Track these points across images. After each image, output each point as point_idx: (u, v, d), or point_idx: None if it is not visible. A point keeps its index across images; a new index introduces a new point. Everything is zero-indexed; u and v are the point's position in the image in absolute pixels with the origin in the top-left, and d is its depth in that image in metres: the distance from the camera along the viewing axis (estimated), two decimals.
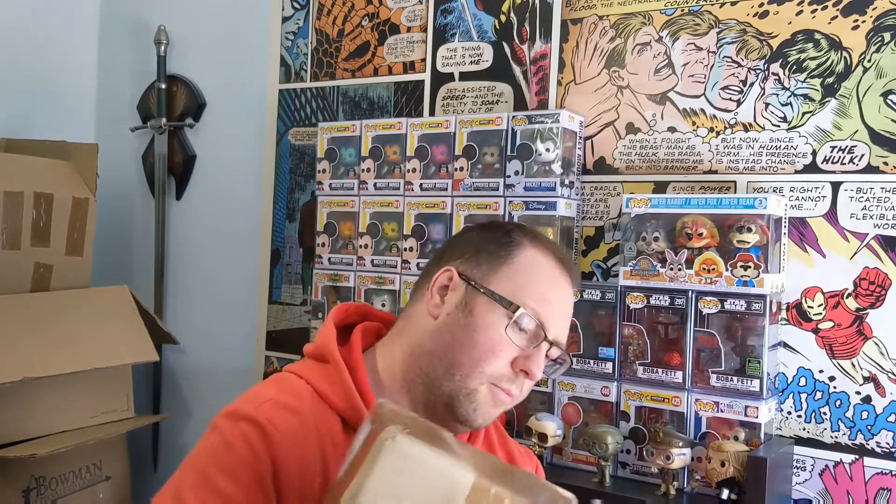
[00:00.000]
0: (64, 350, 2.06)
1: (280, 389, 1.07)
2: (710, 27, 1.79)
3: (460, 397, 1.05)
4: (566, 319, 1.11)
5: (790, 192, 1.70)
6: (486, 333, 1.05)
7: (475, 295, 1.07)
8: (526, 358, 1.05)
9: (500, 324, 1.04)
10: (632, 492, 1.60)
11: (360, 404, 1.05)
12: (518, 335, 1.05)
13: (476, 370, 1.04)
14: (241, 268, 2.50)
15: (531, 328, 1.05)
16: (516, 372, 1.05)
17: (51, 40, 2.70)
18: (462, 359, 1.05)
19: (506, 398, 1.07)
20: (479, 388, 1.05)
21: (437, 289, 1.10)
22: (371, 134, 2.05)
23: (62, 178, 2.27)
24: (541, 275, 1.09)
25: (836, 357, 1.64)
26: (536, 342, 1.05)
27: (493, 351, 1.04)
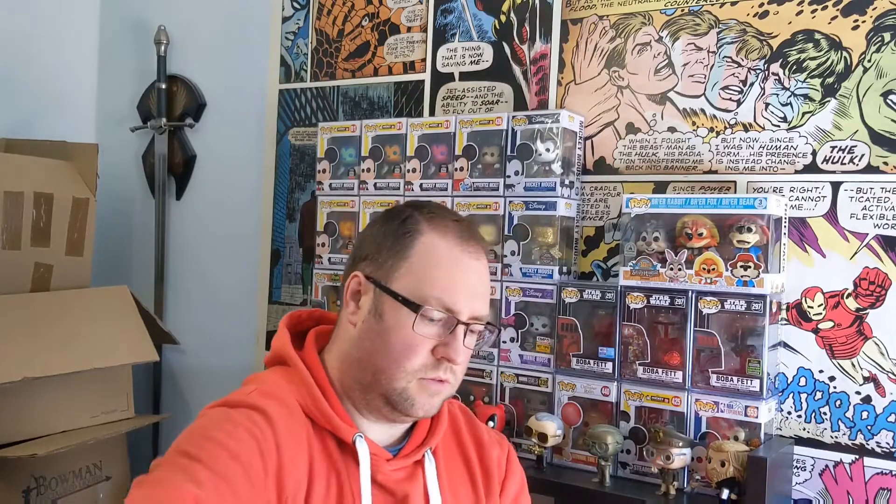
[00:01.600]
0: (64, 350, 2.06)
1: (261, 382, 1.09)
2: (710, 27, 1.79)
3: (394, 397, 1.08)
4: (480, 295, 1.11)
5: (790, 192, 1.70)
6: (398, 335, 1.07)
7: (382, 297, 1.09)
8: (444, 345, 1.07)
9: (408, 322, 1.06)
10: (632, 492, 1.60)
11: (322, 402, 1.07)
12: (428, 327, 1.07)
13: (398, 371, 1.07)
14: (241, 268, 2.50)
15: (440, 318, 1.07)
16: (438, 359, 1.07)
17: (51, 40, 2.70)
18: (383, 363, 1.07)
19: (438, 386, 1.09)
20: (408, 386, 1.07)
21: (351, 295, 1.12)
22: (371, 134, 2.05)
23: (62, 178, 2.27)
24: (441, 261, 1.09)
25: (836, 357, 1.64)
26: (450, 328, 1.07)
27: (408, 349, 1.06)
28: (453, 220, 1.13)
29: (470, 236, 1.12)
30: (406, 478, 1.13)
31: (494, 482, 1.23)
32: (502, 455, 1.26)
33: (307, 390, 1.08)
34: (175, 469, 0.92)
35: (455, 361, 1.07)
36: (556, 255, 1.80)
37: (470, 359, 1.14)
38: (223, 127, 2.57)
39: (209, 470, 0.92)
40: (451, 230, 1.11)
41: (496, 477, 1.23)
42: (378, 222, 1.16)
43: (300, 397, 1.08)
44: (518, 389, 1.82)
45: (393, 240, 1.11)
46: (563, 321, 1.76)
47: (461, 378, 1.13)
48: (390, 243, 1.10)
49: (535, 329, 1.81)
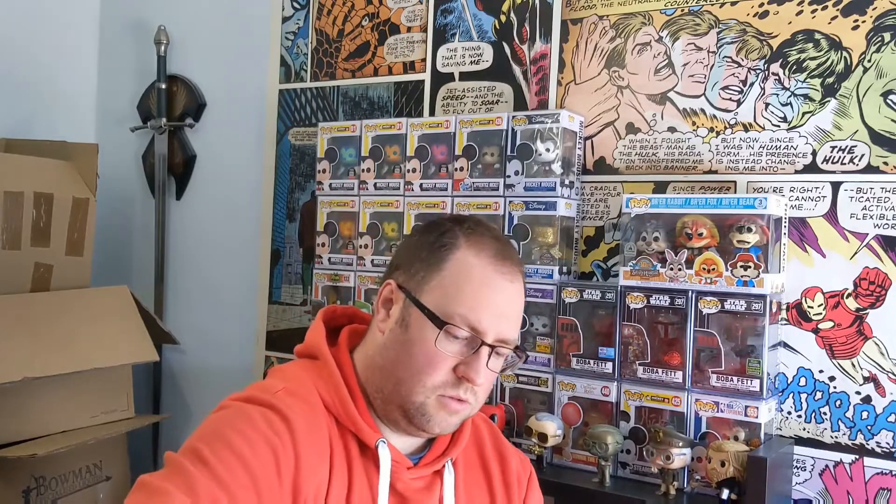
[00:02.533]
0: (64, 350, 2.06)
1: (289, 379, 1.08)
2: (710, 27, 1.79)
3: (411, 410, 1.06)
4: (508, 317, 1.09)
5: (790, 192, 1.70)
6: (421, 348, 1.05)
7: (411, 308, 1.08)
8: (465, 365, 1.05)
9: (431, 336, 1.05)
10: (632, 492, 1.60)
11: (350, 404, 1.06)
12: (452, 344, 1.05)
13: (417, 385, 1.05)
14: (241, 268, 2.50)
15: (464, 336, 1.05)
16: (459, 378, 1.05)
17: (51, 40, 2.70)
18: (404, 375, 1.06)
19: (457, 406, 1.07)
20: (426, 402, 1.06)
21: (383, 302, 1.12)
22: (371, 134, 2.05)
23: (62, 178, 2.27)
24: (472, 279, 1.07)
25: (836, 357, 1.64)
26: (474, 348, 1.05)
27: (429, 364, 1.05)
28: (492, 238, 1.11)
29: (506, 257, 1.10)
30: (424, 487, 1.12)
31: (515, 498, 1.22)
32: (524, 473, 1.25)
33: (335, 390, 1.07)
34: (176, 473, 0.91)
35: (475, 382, 1.05)
36: (556, 255, 1.80)
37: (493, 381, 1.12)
38: (223, 127, 2.57)
39: (212, 477, 0.91)
40: (487, 248, 1.09)
41: (517, 493, 1.22)
42: (417, 233, 1.16)
43: (326, 395, 1.07)
44: (518, 389, 1.82)
45: (428, 251, 1.09)
46: (563, 321, 1.76)
47: (483, 400, 1.11)
48: (425, 255, 1.09)
49: (535, 329, 1.81)
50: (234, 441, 0.95)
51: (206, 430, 0.98)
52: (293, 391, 1.04)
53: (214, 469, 0.92)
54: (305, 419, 1.01)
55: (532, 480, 1.27)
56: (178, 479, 0.90)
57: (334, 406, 1.07)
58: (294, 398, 1.03)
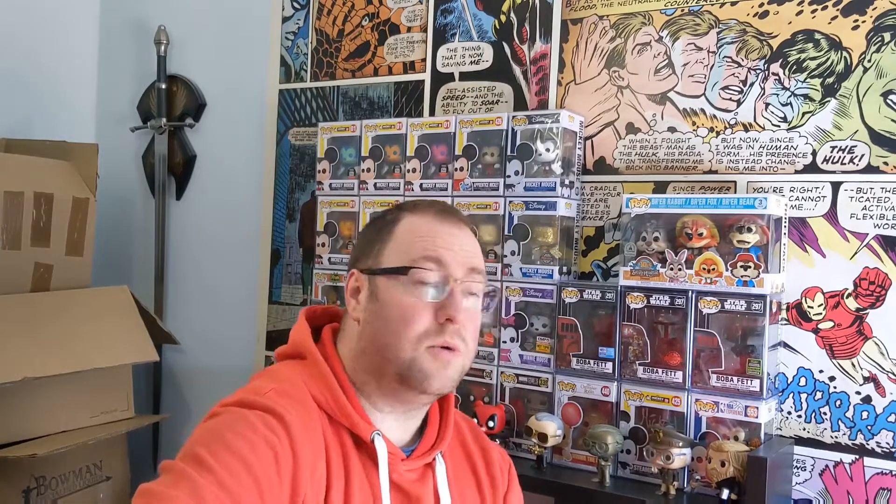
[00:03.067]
0: (64, 350, 2.06)
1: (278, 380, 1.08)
2: (710, 27, 1.79)
3: (405, 372, 1.07)
4: (469, 252, 1.13)
5: (790, 192, 1.70)
6: (394, 306, 1.08)
7: (375, 280, 1.11)
8: (442, 307, 1.07)
9: (402, 291, 1.08)
10: (632, 492, 1.60)
11: (342, 398, 1.07)
12: (422, 290, 1.08)
13: (402, 342, 1.07)
14: (241, 268, 2.50)
15: (432, 279, 1.08)
16: (441, 323, 1.07)
17: (51, 40, 2.70)
18: (387, 339, 1.08)
19: (447, 355, 1.07)
20: (416, 356, 1.06)
21: (351, 293, 1.14)
22: (371, 134, 2.05)
23: (62, 178, 2.26)
24: (422, 231, 1.12)
25: (837, 357, 1.64)
26: (444, 287, 1.08)
27: (407, 318, 1.07)
28: (432, 203, 1.17)
29: (450, 212, 1.16)
30: (418, 479, 1.13)
31: (499, 490, 1.24)
32: (505, 467, 1.27)
33: (326, 386, 1.08)
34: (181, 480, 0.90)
35: (455, 319, 1.07)
36: (556, 255, 1.80)
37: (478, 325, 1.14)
38: (223, 127, 2.57)
39: (217, 484, 0.90)
40: (430, 211, 1.14)
41: (501, 487, 1.24)
42: (366, 227, 1.21)
43: (318, 393, 1.07)
44: (518, 389, 1.82)
45: (377, 232, 1.15)
46: (563, 321, 1.76)
47: (473, 348, 1.12)
48: (375, 235, 1.15)
49: (535, 329, 1.81)
50: (235, 444, 0.94)
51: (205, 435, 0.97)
52: (284, 391, 1.05)
53: (219, 474, 0.91)
54: (300, 418, 1.02)
55: (512, 473, 1.29)
56: (184, 485, 0.89)
57: (326, 403, 1.07)
58: (286, 398, 1.03)
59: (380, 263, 1.12)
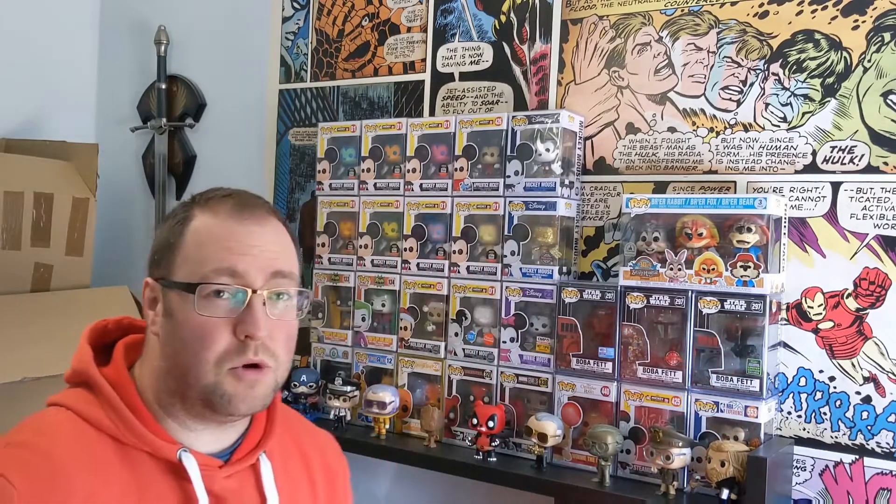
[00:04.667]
0: (64, 350, 2.04)
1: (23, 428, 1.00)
2: (710, 27, 1.79)
3: (209, 396, 0.99)
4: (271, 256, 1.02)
5: (790, 192, 1.70)
6: (188, 326, 0.98)
7: (168, 294, 1.01)
8: (241, 321, 0.98)
9: (194, 308, 0.97)
10: (632, 492, 1.60)
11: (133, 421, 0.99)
12: (215, 307, 0.97)
13: (201, 365, 0.97)
14: None
15: (226, 293, 0.98)
16: (241, 340, 0.98)
17: (51, 40, 2.70)
18: (186, 361, 0.98)
19: (252, 374, 0.99)
20: (219, 381, 0.98)
21: (148, 305, 1.05)
22: (371, 134, 2.05)
23: (62, 178, 2.26)
24: (212, 235, 1.01)
25: (836, 357, 1.64)
26: (242, 301, 0.98)
27: (202, 337, 0.97)
28: (227, 197, 1.05)
29: (245, 205, 1.04)
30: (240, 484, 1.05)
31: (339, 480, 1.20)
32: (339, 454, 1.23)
33: (115, 413, 0.99)
34: None
35: (255, 335, 0.97)
36: (556, 255, 1.80)
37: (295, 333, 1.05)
38: (223, 127, 2.57)
39: None
40: (223, 206, 1.03)
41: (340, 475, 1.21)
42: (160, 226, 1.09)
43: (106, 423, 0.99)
44: (518, 389, 1.82)
45: (168, 235, 1.04)
46: (563, 321, 1.76)
47: (286, 360, 1.03)
48: (166, 240, 1.04)
49: (535, 329, 1.81)
50: None
51: None
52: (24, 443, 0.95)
53: None
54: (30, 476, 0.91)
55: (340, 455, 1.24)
56: None
57: (118, 431, 0.99)
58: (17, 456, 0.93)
59: (171, 275, 1.01)
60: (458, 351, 1.89)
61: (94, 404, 1.01)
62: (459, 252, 1.89)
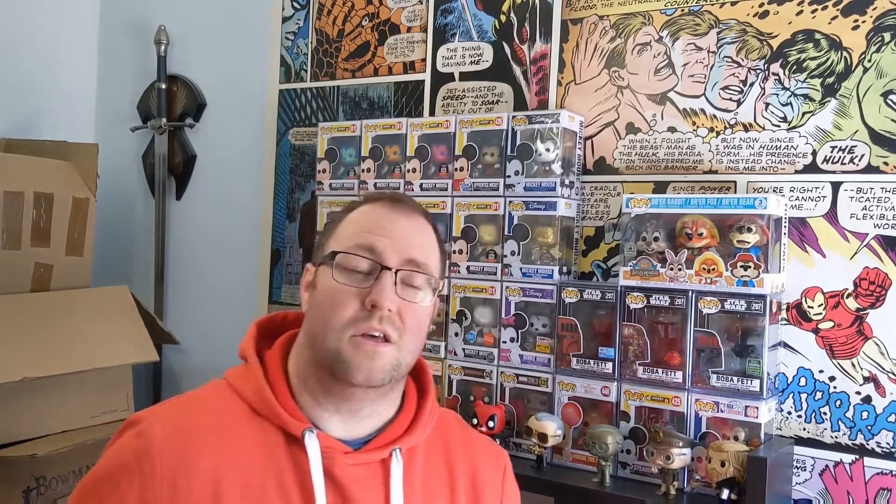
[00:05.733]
0: (64, 350, 2.06)
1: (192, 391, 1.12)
2: (711, 27, 1.79)
3: (329, 362, 1.03)
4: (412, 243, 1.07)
5: (790, 192, 1.70)
6: (325, 291, 1.05)
7: (317, 270, 1.09)
8: (369, 293, 1.02)
9: (331, 276, 1.04)
10: (632, 492, 1.60)
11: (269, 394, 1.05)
12: (348, 276, 1.04)
13: (328, 330, 1.03)
14: (241, 268, 2.50)
15: (361, 265, 1.04)
16: (368, 309, 1.02)
17: (51, 40, 2.70)
18: (317, 328, 1.05)
19: (373, 344, 1.02)
20: (340, 346, 1.02)
21: (305, 288, 1.12)
22: (371, 134, 2.05)
23: (62, 178, 2.26)
24: (364, 218, 1.09)
25: (837, 357, 1.64)
26: (374, 274, 1.04)
27: (333, 303, 1.03)
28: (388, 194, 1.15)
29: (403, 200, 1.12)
30: (366, 476, 1.05)
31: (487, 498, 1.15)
32: (497, 472, 1.18)
33: (257, 386, 1.06)
34: None
35: (380, 304, 1.01)
36: (556, 255, 1.80)
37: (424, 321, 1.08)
38: (223, 127, 2.57)
39: None
40: (384, 199, 1.11)
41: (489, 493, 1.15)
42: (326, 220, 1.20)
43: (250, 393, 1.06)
44: (518, 389, 1.82)
45: (331, 223, 1.13)
46: (563, 321, 1.76)
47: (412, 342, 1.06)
48: (330, 227, 1.13)
49: (535, 329, 1.81)
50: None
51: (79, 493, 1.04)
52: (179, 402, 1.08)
53: None
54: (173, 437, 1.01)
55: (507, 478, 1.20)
56: None
57: (256, 402, 1.05)
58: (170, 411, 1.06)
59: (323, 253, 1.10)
60: (458, 351, 1.89)
61: (245, 378, 1.08)
62: (459, 252, 1.89)
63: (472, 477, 1.15)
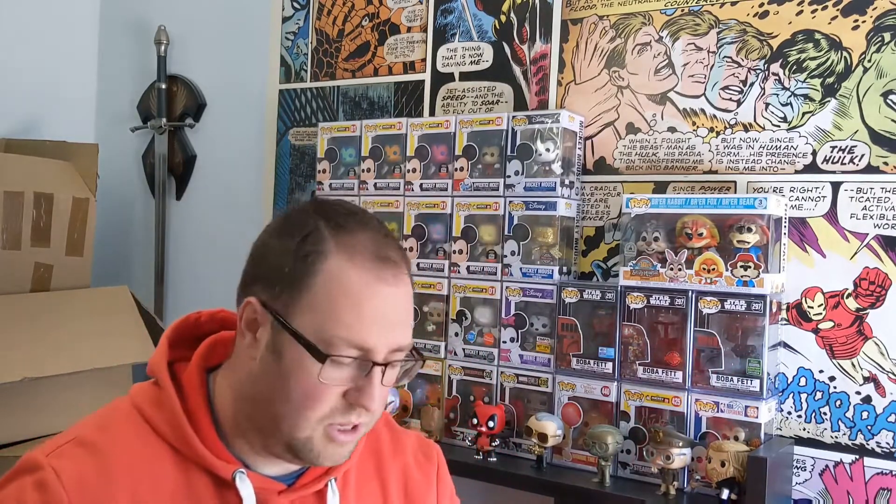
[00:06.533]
0: (64, 350, 2.06)
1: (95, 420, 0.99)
2: (710, 27, 1.79)
3: (297, 446, 0.93)
4: (398, 324, 0.94)
5: (790, 192, 1.70)
6: (301, 381, 0.90)
7: (281, 335, 0.91)
8: (357, 391, 0.91)
9: (312, 368, 0.89)
10: (632, 492, 1.60)
11: (190, 434, 0.94)
12: (339, 372, 0.90)
13: (301, 420, 0.91)
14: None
15: (350, 361, 0.90)
16: (350, 404, 0.91)
17: (51, 40, 2.70)
18: (284, 410, 0.91)
19: (348, 436, 0.93)
20: (313, 436, 0.92)
21: (247, 325, 0.96)
22: (371, 134, 2.05)
23: (62, 178, 2.26)
24: (349, 292, 0.90)
25: (837, 357, 1.64)
26: (364, 371, 0.91)
27: (311, 398, 0.90)
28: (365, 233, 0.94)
29: (385, 257, 0.93)
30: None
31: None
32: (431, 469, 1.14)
33: (175, 420, 0.94)
34: None
35: (370, 409, 0.91)
36: (556, 255, 1.80)
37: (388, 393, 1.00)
38: (223, 127, 2.57)
39: None
40: (362, 249, 0.92)
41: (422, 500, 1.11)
42: (275, 233, 0.98)
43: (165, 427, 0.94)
44: (518, 389, 1.82)
45: (293, 262, 0.92)
46: (563, 321, 1.76)
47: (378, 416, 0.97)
48: (289, 268, 0.92)
49: (535, 329, 1.81)
50: None
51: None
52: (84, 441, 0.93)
53: None
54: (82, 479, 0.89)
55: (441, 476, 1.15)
56: None
57: (175, 439, 0.94)
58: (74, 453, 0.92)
59: (290, 315, 0.91)
60: (458, 351, 1.89)
61: (159, 407, 0.96)
62: (459, 252, 1.89)
63: (405, 484, 1.11)
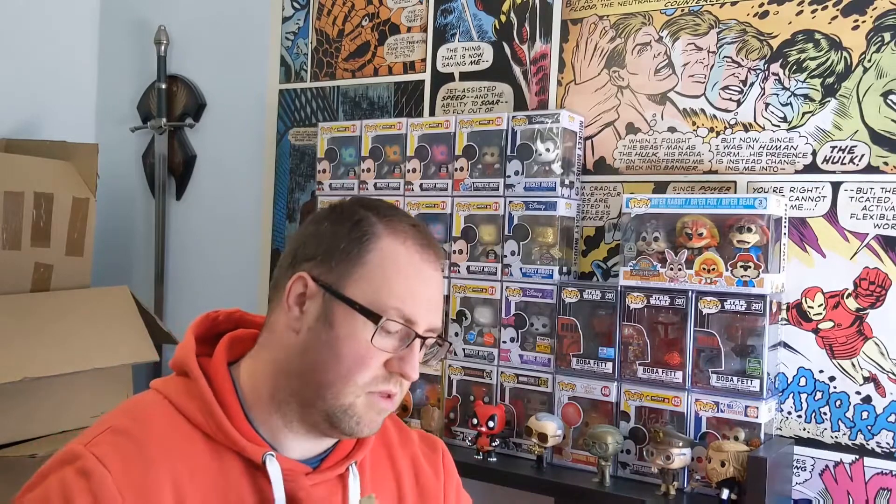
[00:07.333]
0: (64, 350, 2.06)
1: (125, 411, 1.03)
2: (711, 27, 1.79)
3: (338, 414, 0.99)
4: (436, 305, 1.05)
5: (790, 192, 1.70)
6: (352, 346, 0.98)
7: (333, 303, 1.00)
8: (399, 360, 1.00)
9: (364, 333, 0.98)
10: (632, 492, 1.60)
11: (222, 419, 0.99)
12: (386, 341, 0.99)
13: (348, 385, 0.99)
14: (241, 268, 2.50)
15: (399, 331, 1.00)
16: (391, 372, 1.00)
17: (51, 40, 2.70)
18: (331, 377, 0.99)
19: (386, 402, 1.02)
20: (356, 402, 0.99)
21: (294, 299, 1.02)
22: (371, 134, 2.05)
23: (62, 178, 2.26)
24: (400, 268, 1.01)
25: (837, 357, 1.64)
26: (408, 341, 1.00)
27: (361, 363, 0.99)
28: (411, 225, 1.05)
29: (429, 244, 1.05)
30: (327, 493, 1.04)
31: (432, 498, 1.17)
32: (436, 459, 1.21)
33: (206, 407, 1.00)
34: None
35: (410, 377, 1.01)
36: (556, 255, 1.80)
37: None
38: (223, 127, 2.57)
39: None
40: (409, 236, 1.03)
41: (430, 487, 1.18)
42: (325, 220, 1.06)
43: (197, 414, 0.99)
44: (518, 389, 1.82)
45: (347, 242, 1.01)
46: (563, 321, 1.76)
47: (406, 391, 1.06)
48: (344, 246, 1.01)
49: (535, 329, 1.81)
50: None
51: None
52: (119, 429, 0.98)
53: None
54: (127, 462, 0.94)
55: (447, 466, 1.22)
56: None
57: (207, 425, 0.99)
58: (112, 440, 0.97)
59: (343, 287, 1.00)
60: (458, 351, 1.89)
61: (189, 396, 1.01)
62: (459, 252, 1.89)
63: (415, 472, 1.17)
